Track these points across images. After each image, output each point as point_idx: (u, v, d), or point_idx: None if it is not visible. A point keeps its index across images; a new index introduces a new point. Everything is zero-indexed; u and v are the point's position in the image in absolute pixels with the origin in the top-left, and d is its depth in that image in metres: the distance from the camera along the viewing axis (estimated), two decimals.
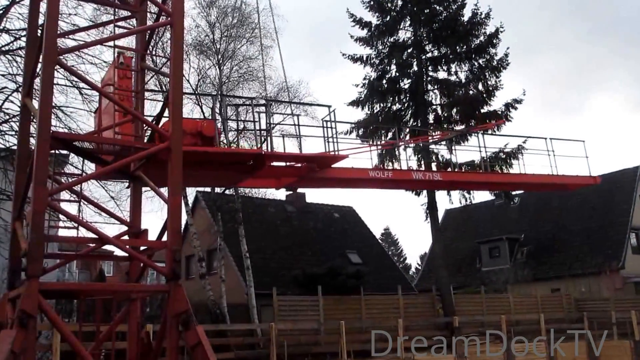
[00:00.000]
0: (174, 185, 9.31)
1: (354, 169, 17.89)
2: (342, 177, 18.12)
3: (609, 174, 47.06)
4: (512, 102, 33.56)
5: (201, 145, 12.67)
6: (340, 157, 16.52)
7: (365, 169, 18.04)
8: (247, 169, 14.46)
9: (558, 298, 36.84)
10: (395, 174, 18.91)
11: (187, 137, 12.04)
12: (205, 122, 13.09)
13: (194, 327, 9.05)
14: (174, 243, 9.23)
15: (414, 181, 20.28)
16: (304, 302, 27.56)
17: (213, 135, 13.03)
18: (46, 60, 8.75)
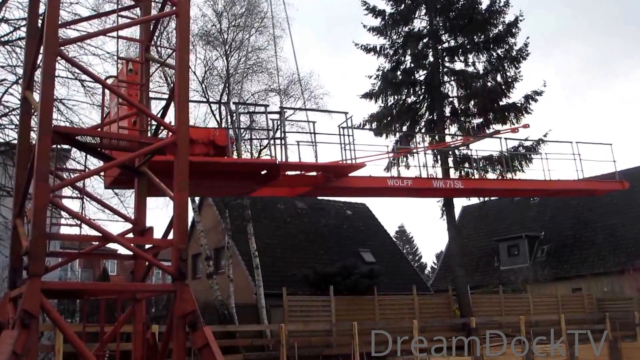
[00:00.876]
0: (180, 181, 9.28)
1: (372, 178, 17.87)
2: (360, 186, 18.18)
3: (633, 168, 46.73)
4: (532, 94, 33.42)
5: (213, 154, 12.77)
6: (357, 166, 16.50)
7: (384, 177, 18.26)
8: (261, 179, 14.52)
9: (579, 298, 36.68)
10: (415, 183, 18.84)
11: (199, 146, 12.28)
12: (218, 131, 13.16)
13: (201, 328, 9.03)
14: (180, 241, 9.21)
15: (434, 190, 20.21)
16: (315, 303, 27.55)
17: (226, 144, 13.10)
18: (47, 51, 8.74)
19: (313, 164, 15.85)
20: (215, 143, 12.93)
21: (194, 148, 12.25)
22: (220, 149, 13.01)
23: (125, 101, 10.28)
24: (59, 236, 10.45)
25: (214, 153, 12.91)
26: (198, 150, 12.51)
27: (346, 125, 16.76)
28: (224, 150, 13.16)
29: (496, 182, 22.94)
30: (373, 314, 28.50)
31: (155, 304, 30.70)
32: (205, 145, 12.76)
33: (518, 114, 33.42)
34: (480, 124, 34.17)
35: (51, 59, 8.78)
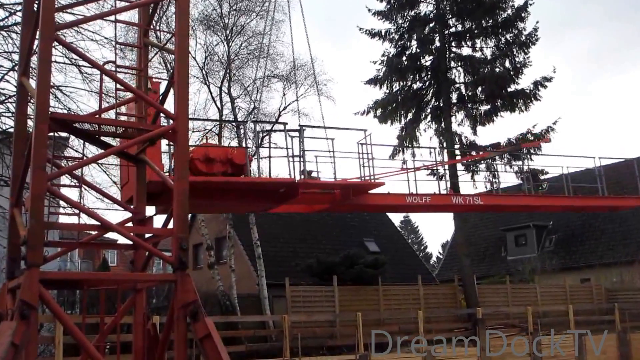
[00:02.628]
0: (180, 169, 9.28)
1: (391, 195, 18.13)
2: (378, 203, 18.62)
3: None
4: (542, 80, 33.31)
5: (231, 172, 12.98)
6: (376, 184, 16.75)
7: (402, 194, 18.25)
8: (280, 197, 14.74)
9: (588, 288, 36.69)
10: (433, 199, 19.00)
11: (217, 165, 12.53)
12: (236, 150, 13.47)
13: (203, 318, 9.05)
14: (180, 230, 9.21)
15: (453, 206, 20.50)
16: (318, 293, 27.62)
17: (244, 162, 13.32)
18: (43, 36, 8.71)
19: (332, 183, 16.10)
20: (233, 161, 13.15)
21: (212, 167, 12.54)
22: (238, 167, 13.25)
23: (124, 87, 10.27)
24: (57, 225, 10.44)
25: (232, 171, 13.14)
26: (216, 169, 12.75)
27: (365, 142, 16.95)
28: (242, 168, 13.40)
29: (516, 199, 23.16)
30: (377, 305, 28.57)
31: (156, 295, 30.79)
32: (223, 163, 12.99)
33: (527, 100, 33.32)
34: (488, 110, 34.08)
35: (47, 44, 8.76)
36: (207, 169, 12.73)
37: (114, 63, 10.52)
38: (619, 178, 45.19)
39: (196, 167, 12.53)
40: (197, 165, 12.57)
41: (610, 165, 47.94)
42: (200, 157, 12.54)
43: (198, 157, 12.52)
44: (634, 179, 44.03)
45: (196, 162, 12.57)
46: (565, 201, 23.27)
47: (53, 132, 9.47)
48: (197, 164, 12.59)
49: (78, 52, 11.43)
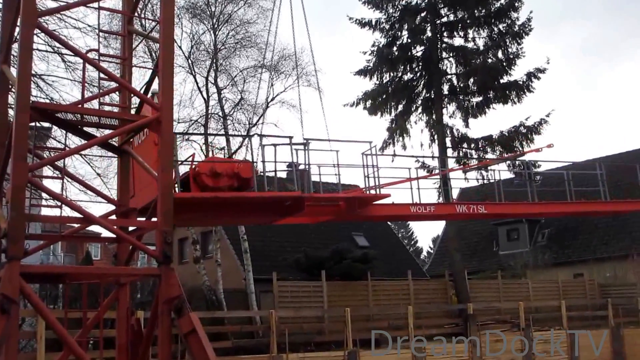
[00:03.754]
0: (164, 161, 9.29)
1: (395, 205, 18.52)
2: (383, 214, 19.17)
3: (639, 149, 46.94)
4: (535, 72, 33.37)
5: (237, 186, 13.29)
6: (381, 196, 17.15)
7: (407, 204, 18.61)
8: (285, 210, 15.05)
9: (581, 283, 36.92)
10: (437, 209, 19.41)
11: (224, 179, 12.84)
12: (242, 164, 13.67)
13: (188, 313, 9.08)
14: (165, 224, 9.23)
15: (457, 214, 20.87)
16: (306, 288, 27.66)
17: (250, 176, 13.59)
18: (25, 23, 8.68)
19: (337, 196, 16.60)
20: (239, 175, 13.40)
21: (218, 181, 12.86)
22: (244, 180, 13.51)
23: (107, 76, 10.24)
24: (38, 218, 10.43)
25: (238, 185, 13.42)
26: (223, 183, 13.02)
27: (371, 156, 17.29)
28: (249, 181, 13.66)
29: (520, 206, 23.51)
30: (366, 300, 28.63)
31: (141, 290, 30.73)
32: (230, 177, 13.26)
33: (520, 92, 33.38)
34: (480, 102, 34.12)
35: (29, 31, 8.73)
36: (213, 183, 13.01)
37: (97, 51, 10.49)
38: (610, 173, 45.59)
39: (203, 182, 12.83)
40: (204, 179, 12.86)
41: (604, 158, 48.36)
42: (207, 171, 12.81)
43: (205, 171, 12.78)
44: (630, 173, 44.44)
45: (203, 176, 12.85)
46: (569, 207, 23.51)
47: (34, 122, 9.44)
48: (204, 178, 12.87)
49: (60, 39, 11.39)
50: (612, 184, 44.34)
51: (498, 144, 33.12)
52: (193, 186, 12.81)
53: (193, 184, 12.79)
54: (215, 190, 12.99)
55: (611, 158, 47.86)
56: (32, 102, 8.88)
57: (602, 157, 48.92)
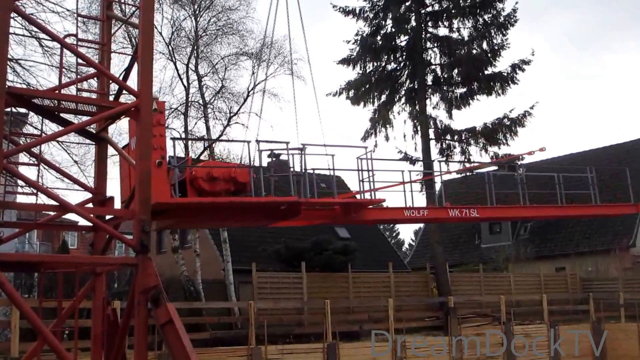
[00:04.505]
0: (142, 148, 9.29)
1: (390, 210, 19.14)
2: (378, 218, 20.11)
3: (624, 143, 47.40)
4: (520, 63, 33.53)
5: (234, 190, 13.57)
6: (376, 201, 17.60)
7: (401, 208, 19.04)
8: (282, 214, 15.40)
9: (562, 277, 37.26)
10: (431, 213, 19.94)
11: (220, 183, 13.12)
12: (239, 169, 13.96)
13: (165, 303, 9.10)
14: (142, 212, 9.24)
15: (449, 218, 21.39)
16: (286, 279, 27.73)
17: (247, 181, 13.88)
18: (1, 6, 8.64)
19: (333, 201, 17.06)
20: (236, 180, 13.67)
21: (215, 185, 13.10)
22: (241, 185, 13.78)
23: (85, 62, 10.22)
24: (13, 205, 10.41)
25: (235, 189, 13.68)
26: (219, 188, 13.26)
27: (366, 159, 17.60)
28: (245, 185, 13.90)
29: (511, 210, 24.50)
30: (347, 292, 28.74)
31: (118, 280, 30.65)
32: (226, 182, 13.50)
33: (504, 84, 33.54)
34: (464, 93, 34.26)
35: (5, 15, 8.69)
36: (210, 187, 13.24)
37: (75, 36, 10.45)
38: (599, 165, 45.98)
39: (200, 186, 13.04)
40: (201, 184, 13.07)
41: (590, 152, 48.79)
42: (203, 176, 13.01)
43: (202, 175, 12.98)
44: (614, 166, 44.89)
45: (200, 181, 13.06)
46: (560, 211, 24.30)
47: (10, 108, 9.41)
48: (201, 182, 13.08)
49: (38, 24, 11.34)
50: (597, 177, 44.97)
51: (482, 136, 33.29)
52: (190, 190, 13.00)
53: (190, 188, 12.92)
54: (211, 194, 13.20)
55: (597, 151, 48.38)
56: (8, 87, 8.85)
57: (588, 150, 49.53)
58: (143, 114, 9.41)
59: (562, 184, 23.05)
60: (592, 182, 23.14)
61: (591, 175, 23.25)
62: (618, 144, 47.90)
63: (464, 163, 33.04)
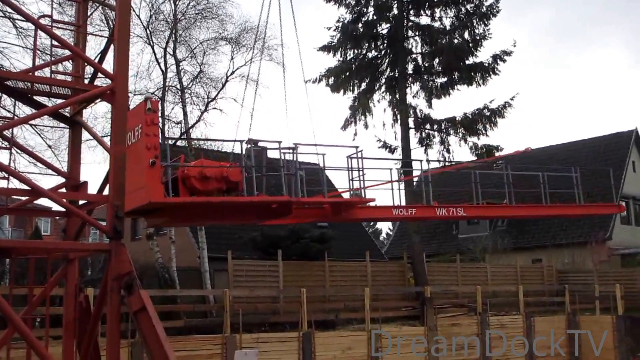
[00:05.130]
0: (117, 132, 9.21)
1: (378, 208, 19.50)
2: (367, 216, 21.27)
3: (602, 137, 47.86)
4: (501, 54, 33.60)
5: (226, 189, 13.89)
6: (366, 200, 17.92)
7: (389, 207, 19.56)
8: (273, 213, 15.77)
9: (539, 269, 37.59)
10: (418, 211, 20.42)
11: (212, 182, 13.42)
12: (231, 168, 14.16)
13: (138, 290, 9.05)
14: (116, 197, 9.17)
15: (437, 216, 22.13)
16: (262, 267, 27.69)
17: (239, 180, 14.15)
18: None
19: (324, 200, 17.54)
20: (228, 179, 13.90)
21: (207, 184, 13.38)
22: (233, 184, 14.02)
23: (60, 43, 10.09)
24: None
25: (227, 188, 13.95)
26: (212, 186, 13.52)
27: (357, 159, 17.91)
28: (237, 185, 14.15)
29: (497, 210, 25.29)
30: (323, 281, 28.77)
31: (92, 267, 30.48)
32: (219, 181, 13.74)
33: (485, 74, 33.63)
34: (444, 83, 34.32)
35: None
36: (202, 186, 13.44)
37: (50, 17, 10.32)
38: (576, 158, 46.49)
39: (192, 185, 13.24)
40: (194, 182, 13.27)
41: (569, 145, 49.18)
42: (196, 175, 13.23)
43: (194, 175, 13.20)
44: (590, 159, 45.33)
45: (192, 180, 13.25)
46: (545, 210, 24.76)
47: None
48: (193, 181, 13.28)
49: (12, 4, 11.16)
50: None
51: (461, 126, 33.38)
52: (182, 189, 13.21)
53: (182, 187, 13.16)
54: (204, 193, 13.46)
55: (575, 144, 48.82)
56: None
57: (566, 142, 49.92)
58: (118, 97, 9.32)
59: (547, 183, 23.30)
60: (576, 182, 23.40)
61: (575, 175, 23.49)
62: (597, 137, 48.34)
63: (447, 162, 33.20)
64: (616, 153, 45.51)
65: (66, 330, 10.47)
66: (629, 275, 35.48)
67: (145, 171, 11.69)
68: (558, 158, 46.86)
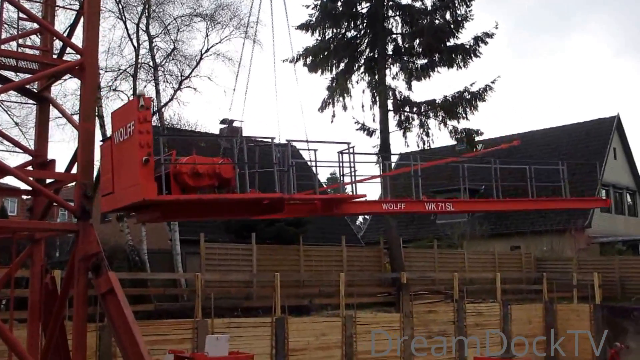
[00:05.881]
0: (86, 109, 9.15)
1: (368, 203, 19.90)
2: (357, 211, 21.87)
3: (584, 122, 48.23)
4: (483, 36, 33.60)
5: (219, 185, 14.18)
6: (358, 196, 18.44)
7: (379, 201, 20.36)
8: (265, 209, 16.08)
9: (517, 256, 37.96)
10: (408, 206, 20.60)
11: (204, 179, 13.65)
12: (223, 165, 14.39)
13: (106, 272, 9.04)
14: (84, 176, 9.13)
15: (426, 211, 22.58)
16: (235, 251, 27.69)
17: (231, 176, 14.38)
18: None
19: (316, 197, 17.83)
20: (220, 175, 14.10)
21: (199, 181, 13.63)
22: (225, 180, 14.25)
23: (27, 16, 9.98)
24: None
25: (219, 184, 14.21)
26: (204, 183, 13.77)
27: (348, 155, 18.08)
28: (230, 180, 14.40)
29: (486, 204, 25.82)
30: (298, 265, 28.84)
31: (60, 248, 30.31)
32: (211, 177, 13.95)
33: (466, 56, 33.63)
34: (425, 65, 34.30)
35: None
36: (194, 183, 13.63)
37: None
38: (557, 144, 46.90)
39: (184, 181, 13.45)
40: (185, 179, 13.45)
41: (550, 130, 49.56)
42: (188, 171, 13.45)
43: (186, 171, 13.43)
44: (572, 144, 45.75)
45: (184, 176, 13.44)
46: (532, 204, 25.42)
47: None
48: (185, 178, 13.45)
49: None
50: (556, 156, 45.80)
51: (441, 109, 33.43)
52: (173, 185, 13.38)
53: (173, 183, 13.34)
54: (196, 189, 13.74)
55: (555, 130, 49.17)
56: None
57: (547, 128, 50.26)
58: (88, 73, 9.25)
59: (533, 178, 23.65)
60: (563, 176, 23.80)
61: (562, 167, 23.86)
62: (578, 122, 48.71)
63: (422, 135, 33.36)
64: (597, 139, 45.93)
65: (31, 313, 10.43)
66: (608, 263, 35.89)
67: (139, 169, 11.85)
68: (538, 143, 47.27)
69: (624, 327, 29.72)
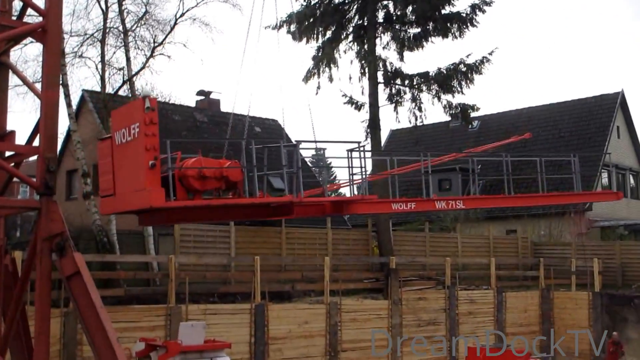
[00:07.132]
0: (49, 76, 8.98)
1: (378, 203, 20.56)
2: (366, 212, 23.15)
3: (586, 99, 48.25)
4: (480, 4, 33.46)
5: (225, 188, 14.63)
6: (367, 198, 18.83)
7: (388, 201, 20.73)
8: (273, 211, 16.71)
9: (513, 241, 38.07)
10: (418, 205, 21.39)
11: (211, 182, 14.07)
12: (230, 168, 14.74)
13: (71, 253, 8.92)
14: (48, 149, 8.99)
15: (437, 209, 23.75)
16: (211, 233, 27.62)
17: (239, 179, 14.76)
18: None
19: (327, 200, 18.53)
20: (228, 178, 14.47)
21: (206, 184, 13.99)
22: (233, 183, 14.61)
23: None
24: None
25: (226, 187, 14.61)
26: (210, 186, 14.14)
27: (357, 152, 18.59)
28: (237, 184, 14.74)
29: (497, 200, 26.05)
30: (279, 248, 28.83)
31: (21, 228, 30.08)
32: (218, 180, 14.28)
33: (462, 25, 33.47)
34: (418, 34, 34.11)
35: None
36: (201, 186, 13.97)
37: None
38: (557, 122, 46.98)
39: (190, 184, 13.75)
40: (191, 182, 13.76)
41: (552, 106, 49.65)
42: (194, 174, 13.75)
43: (192, 174, 13.72)
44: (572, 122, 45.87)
45: (190, 179, 13.73)
46: (544, 200, 26.01)
47: None
48: (191, 181, 13.76)
49: None
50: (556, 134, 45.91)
51: (435, 81, 33.33)
52: (179, 187, 13.64)
53: (179, 186, 13.62)
54: (202, 192, 14.12)
55: (557, 106, 49.17)
56: None
57: (548, 104, 50.26)
58: (51, 36, 9.07)
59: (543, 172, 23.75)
60: (574, 169, 23.91)
61: (574, 158, 24.03)
62: (580, 98, 48.72)
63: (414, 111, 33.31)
64: (600, 117, 45.95)
65: None
66: (608, 249, 36.02)
67: (145, 173, 12.17)
68: (537, 120, 47.33)
69: (624, 316, 29.97)
